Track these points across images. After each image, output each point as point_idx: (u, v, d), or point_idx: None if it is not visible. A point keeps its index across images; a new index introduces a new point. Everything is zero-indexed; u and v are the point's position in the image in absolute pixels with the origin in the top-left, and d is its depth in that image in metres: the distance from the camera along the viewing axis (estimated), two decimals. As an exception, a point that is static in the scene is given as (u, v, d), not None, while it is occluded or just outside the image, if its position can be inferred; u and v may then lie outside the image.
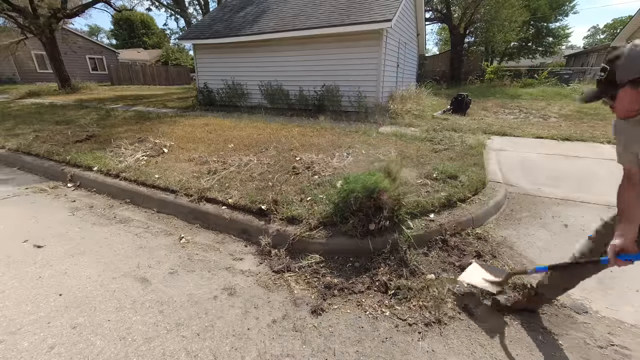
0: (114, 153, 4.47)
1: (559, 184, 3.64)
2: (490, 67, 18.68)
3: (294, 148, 4.44)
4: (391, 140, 4.93)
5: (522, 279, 1.94)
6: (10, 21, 13.35)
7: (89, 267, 2.27)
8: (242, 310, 1.87)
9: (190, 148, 4.68)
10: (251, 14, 10.04)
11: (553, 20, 27.26)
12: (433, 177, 3.31)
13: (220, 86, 10.15)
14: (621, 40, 15.06)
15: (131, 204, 3.43)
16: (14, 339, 1.63)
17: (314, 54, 8.48)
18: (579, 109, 8.27)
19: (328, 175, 3.44)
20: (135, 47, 38.24)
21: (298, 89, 8.83)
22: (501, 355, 1.55)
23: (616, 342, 1.61)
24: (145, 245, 2.60)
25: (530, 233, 2.64)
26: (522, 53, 29.30)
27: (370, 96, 8.01)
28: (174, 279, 2.16)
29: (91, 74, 24.19)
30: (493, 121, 7.25)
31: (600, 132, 5.93)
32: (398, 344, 1.62)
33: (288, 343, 1.63)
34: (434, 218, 2.63)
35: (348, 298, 1.96)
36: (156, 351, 1.58)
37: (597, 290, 1.96)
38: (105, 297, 1.96)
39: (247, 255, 2.47)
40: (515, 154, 4.75)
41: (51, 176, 4.26)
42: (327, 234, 2.43)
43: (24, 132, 5.95)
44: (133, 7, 19.61)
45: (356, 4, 8.27)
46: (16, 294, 1.98)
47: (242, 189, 3.19)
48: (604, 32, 48.85)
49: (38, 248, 2.52)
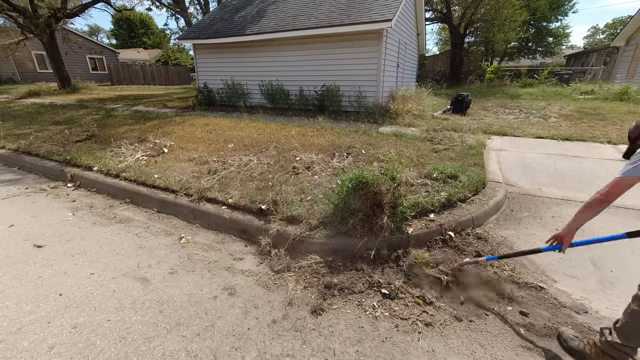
0: (114, 153, 4.47)
1: (559, 183, 3.64)
2: (491, 67, 18.67)
3: (294, 148, 4.44)
4: (391, 140, 4.93)
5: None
6: (10, 21, 13.34)
7: (89, 267, 2.27)
8: (242, 310, 1.87)
9: (190, 148, 4.68)
10: (251, 13, 10.04)
11: (553, 20, 27.26)
12: (433, 177, 3.31)
13: (220, 86, 10.14)
14: (621, 40, 15.07)
15: (131, 203, 3.43)
16: (14, 338, 1.63)
17: (314, 53, 8.48)
18: (579, 109, 8.26)
19: (328, 175, 3.44)
20: (135, 47, 38.21)
21: (298, 89, 8.82)
22: (501, 355, 1.55)
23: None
24: (145, 245, 2.60)
25: (530, 233, 2.64)
26: (522, 53, 29.29)
27: (370, 96, 8.01)
28: (174, 278, 2.16)
29: (91, 73, 24.19)
30: (493, 121, 7.25)
31: (601, 132, 5.93)
32: (398, 344, 1.62)
33: (288, 343, 1.63)
34: (434, 218, 2.63)
35: (348, 298, 1.96)
36: (156, 351, 1.58)
37: (597, 291, 1.96)
38: (105, 297, 1.96)
39: (247, 255, 2.47)
40: (515, 154, 4.74)
41: (51, 176, 4.26)
42: (327, 233, 2.43)
43: (24, 132, 5.95)
44: (133, 7, 19.51)
45: (356, 4, 8.27)
46: (16, 294, 1.98)
47: (242, 189, 3.19)
48: (604, 32, 48.83)
49: (38, 248, 2.52)
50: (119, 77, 22.93)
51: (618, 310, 1.81)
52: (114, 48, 29.09)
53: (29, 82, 19.19)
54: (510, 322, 1.75)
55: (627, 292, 1.95)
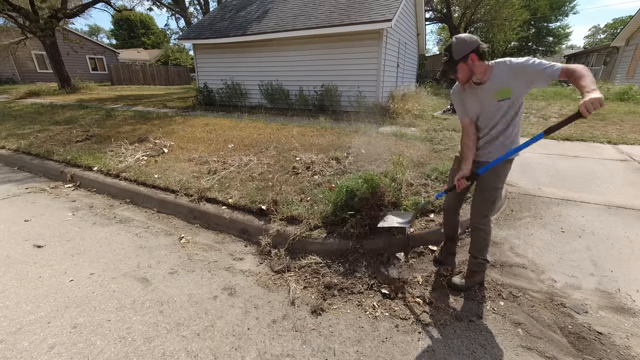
0: (114, 153, 4.47)
1: (559, 183, 3.64)
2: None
3: (294, 148, 4.44)
4: (391, 140, 4.93)
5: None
6: (10, 21, 13.34)
7: (89, 267, 2.27)
8: (242, 310, 1.87)
9: (190, 148, 4.68)
10: (251, 13, 10.04)
11: (553, 20, 27.27)
12: (433, 177, 3.31)
13: (220, 86, 10.15)
14: (621, 40, 15.06)
15: (131, 204, 3.43)
16: (14, 338, 1.63)
17: (314, 53, 8.48)
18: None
19: (328, 175, 3.44)
20: (135, 47, 38.22)
21: (298, 89, 8.83)
22: (501, 355, 1.55)
23: (617, 342, 1.61)
24: (145, 245, 2.60)
25: (530, 233, 2.64)
26: (523, 53, 29.30)
27: (370, 96, 8.01)
28: (174, 278, 2.16)
29: (91, 73, 24.19)
30: (493, 121, 7.24)
31: (601, 132, 5.93)
32: (398, 344, 1.62)
33: (288, 343, 1.63)
34: (434, 218, 2.63)
35: (348, 298, 1.96)
36: (156, 351, 1.58)
37: (597, 291, 1.96)
38: (105, 297, 1.96)
39: (247, 255, 2.47)
40: (515, 154, 4.74)
41: (51, 176, 4.26)
42: (327, 233, 2.43)
43: (24, 132, 5.95)
44: (133, 7, 19.53)
45: (356, 4, 8.27)
46: (16, 294, 1.98)
47: (242, 189, 3.19)
48: (604, 31, 48.80)
49: (38, 248, 2.52)
50: (119, 77, 22.93)
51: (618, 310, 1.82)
52: (114, 48, 29.09)
53: (29, 82, 19.21)
54: (510, 321, 1.75)
55: (628, 292, 1.95)
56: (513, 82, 1.68)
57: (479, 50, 1.68)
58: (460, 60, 1.70)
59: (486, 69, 1.74)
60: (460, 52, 1.69)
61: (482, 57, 1.71)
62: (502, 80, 1.70)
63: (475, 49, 1.68)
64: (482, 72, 1.73)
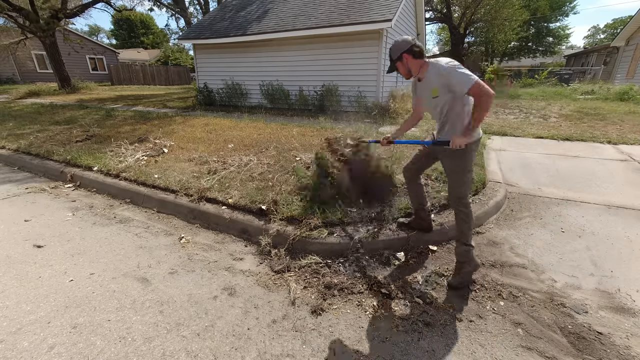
0: (114, 153, 4.47)
1: (559, 183, 3.64)
2: (491, 67, 18.67)
3: (294, 148, 4.44)
4: (391, 140, 4.92)
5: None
6: (11, 21, 13.34)
7: (89, 267, 2.27)
8: (242, 310, 1.87)
9: (190, 148, 4.68)
10: (251, 13, 10.04)
11: (553, 21, 27.28)
12: (433, 177, 3.31)
13: (220, 86, 10.15)
14: (621, 40, 15.06)
15: (131, 204, 3.43)
16: (14, 338, 1.63)
17: (314, 53, 8.48)
18: (579, 109, 8.26)
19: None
20: (135, 47, 38.22)
21: (298, 89, 8.82)
22: (501, 355, 1.55)
23: (617, 342, 1.61)
24: (145, 245, 2.60)
25: (530, 233, 2.64)
26: (522, 53, 29.31)
27: (370, 96, 8.01)
28: (174, 278, 2.16)
29: (91, 73, 24.20)
30: (493, 121, 7.25)
31: (601, 132, 5.93)
32: (398, 344, 1.62)
33: (288, 343, 1.63)
34: (434, 218, 2.63)
35: (348, 298, 1.96)
36: (156, 351, 1.58)
37: (597, 291, 1.96)
38: (105, 297, 1.96)
39: (247, 255, 2.47)
40: (515, 154, 4.74)
41: (51, 176, 4.26)
42: (328, 233, 2.43)
43: (24, 132, 5.95)
44: (133, 7, 19.54)
45: (356, 4, 8.27)
46: (16, 294, 1.98)
47: (242, 189, 3.19)
48: (604, 32, 48.80)
49: (38, 248, 2.52)
50: (118, 77, 22.94)
51: (618, 310, 1.82)
52: (114, 48, 29.09)
53: (29, 82, 19.21)
54: (510, 321, 1.75)
55: (627, 292, 1.95)
56: (438, 83, 1.86)
57: (411, 50, 1.88)
58: (396, 59, 1.94)
59: (421, 67, 1.93)
60: (396, 52, 1.92)
61: (416, 56, 1.89)
62: (430, 81, 1.90)
63: (408, 50, 1.88)
64: (417, 69, 1.94)
